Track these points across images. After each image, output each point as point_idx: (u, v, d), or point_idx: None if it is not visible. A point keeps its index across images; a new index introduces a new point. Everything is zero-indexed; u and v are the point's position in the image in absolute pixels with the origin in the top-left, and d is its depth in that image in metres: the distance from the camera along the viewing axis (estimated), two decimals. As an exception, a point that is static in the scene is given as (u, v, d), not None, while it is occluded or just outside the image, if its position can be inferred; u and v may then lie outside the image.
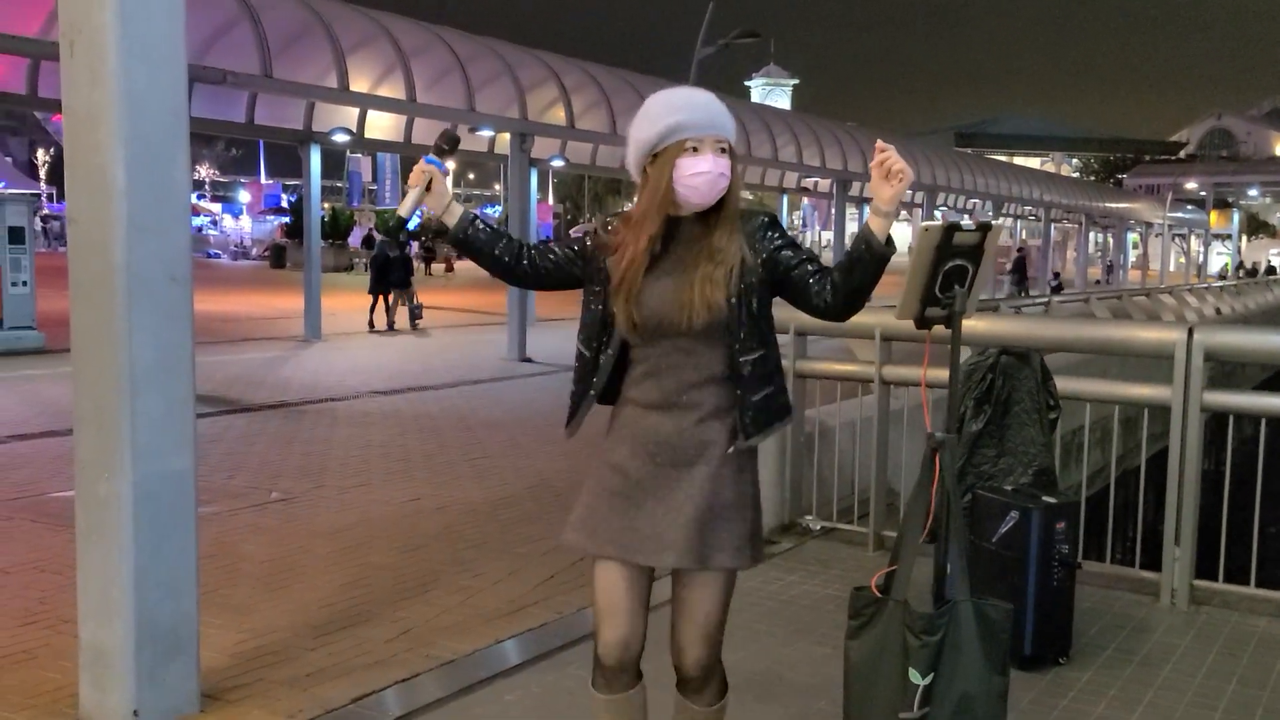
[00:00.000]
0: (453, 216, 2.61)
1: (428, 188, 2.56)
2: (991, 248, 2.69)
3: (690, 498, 2.45)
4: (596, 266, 2.55)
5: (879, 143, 2.37)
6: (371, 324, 18.91)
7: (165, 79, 3.38)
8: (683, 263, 2.46)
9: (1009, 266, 37.01)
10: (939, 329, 2.82)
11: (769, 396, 2.51)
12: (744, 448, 2.49)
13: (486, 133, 18.37)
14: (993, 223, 2.65)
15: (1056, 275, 42.73)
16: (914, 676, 2.48)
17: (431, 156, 2.58)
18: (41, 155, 71.79)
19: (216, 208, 64.08)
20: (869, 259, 2.35)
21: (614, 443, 2.55)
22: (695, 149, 2.41)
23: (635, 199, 2.55)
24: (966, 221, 2.63)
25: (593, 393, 2.57)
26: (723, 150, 2.43)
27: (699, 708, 2.64)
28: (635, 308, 2.45)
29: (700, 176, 2.42)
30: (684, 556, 2.45)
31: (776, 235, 2.49)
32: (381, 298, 19.31)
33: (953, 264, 2.68)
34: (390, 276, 19.22)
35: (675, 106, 2.45)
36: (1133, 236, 59.55)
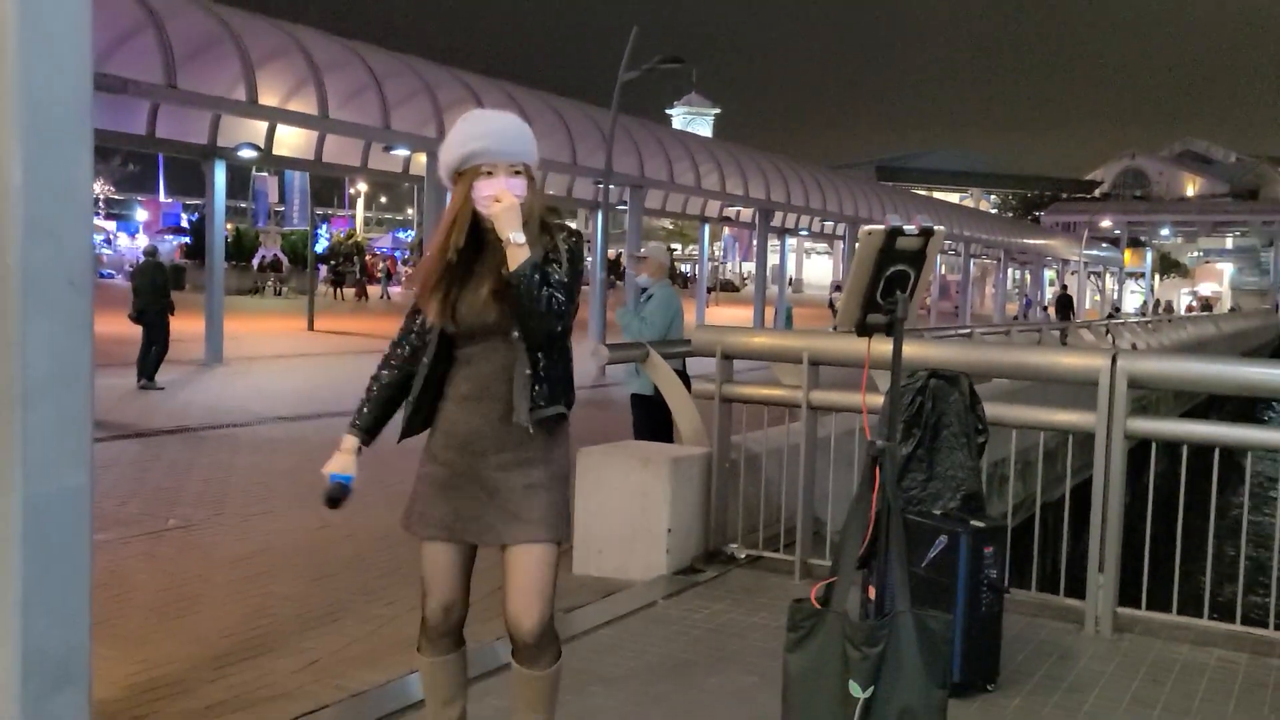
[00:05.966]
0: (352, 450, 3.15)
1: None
2: (934, 253, 2.63)
3: (503, 480, 2.76)
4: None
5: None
6: None
7: (68, 73, 3.17)
8: (487, 269, 2.75)
9: (1049, 302, 38.06)
10: (877, 345, 2.75)
11: (565, 385, 2.80)
12: (537, 419, 2.72)
13: (402, 152, 18.08)
14: (935, 228, 2.59)
15: (1116, 308, 48.06)
16: (854, 689, 2.40)
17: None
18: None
19: (111, 225, 61.78)
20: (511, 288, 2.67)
21: (433, 438, 2.92)
22: (490, 172, 2.72)
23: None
24: (909, 226, 2.56)
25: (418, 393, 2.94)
26: (517, 173, 2.74)
27: (536, 673, 2.80)
28: (451, 308, 2.78)
29: (491, 198, 2.71)
30: (503, 534, 2.76)
31: (554, 261, 2.74)
32: None
33: (895, 269, 2.61)
34: None
35: (474, 136, 2.74)
36: (1050, 273, 60.71)
